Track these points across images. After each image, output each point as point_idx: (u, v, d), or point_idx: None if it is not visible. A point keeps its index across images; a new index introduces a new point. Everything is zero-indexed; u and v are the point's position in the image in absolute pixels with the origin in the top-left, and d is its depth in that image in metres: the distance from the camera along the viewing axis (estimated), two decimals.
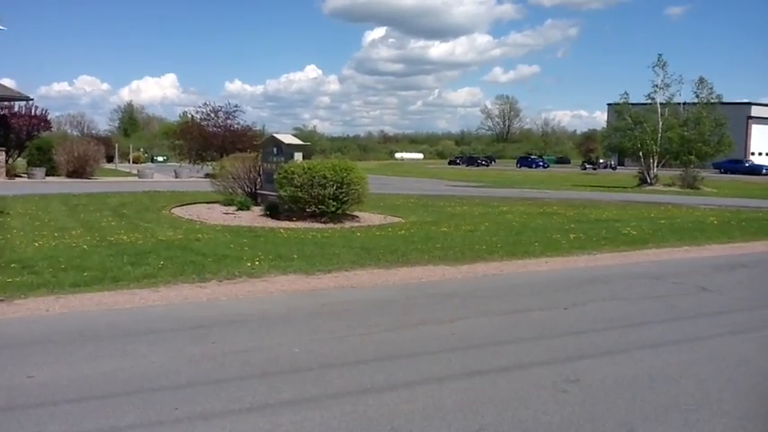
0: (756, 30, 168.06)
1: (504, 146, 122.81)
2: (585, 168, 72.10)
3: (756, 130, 79.14)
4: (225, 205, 16.47)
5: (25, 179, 31.11)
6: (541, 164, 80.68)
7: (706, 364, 5.14)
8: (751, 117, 77.91)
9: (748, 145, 77.81)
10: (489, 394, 4.41)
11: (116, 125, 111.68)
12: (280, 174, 14.38)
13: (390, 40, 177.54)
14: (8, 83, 49.35)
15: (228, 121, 38.23)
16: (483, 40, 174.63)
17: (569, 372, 4.85)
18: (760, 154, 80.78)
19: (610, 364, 5.11)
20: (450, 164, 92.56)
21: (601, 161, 73.02)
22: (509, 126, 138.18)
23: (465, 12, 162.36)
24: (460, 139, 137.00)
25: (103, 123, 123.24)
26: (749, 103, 79.25)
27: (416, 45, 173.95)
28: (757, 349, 5.65)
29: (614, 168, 68.87)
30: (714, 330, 6.25)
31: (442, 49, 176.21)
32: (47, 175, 31.88)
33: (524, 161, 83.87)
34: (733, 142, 39.02)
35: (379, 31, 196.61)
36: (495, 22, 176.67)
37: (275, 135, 16.91)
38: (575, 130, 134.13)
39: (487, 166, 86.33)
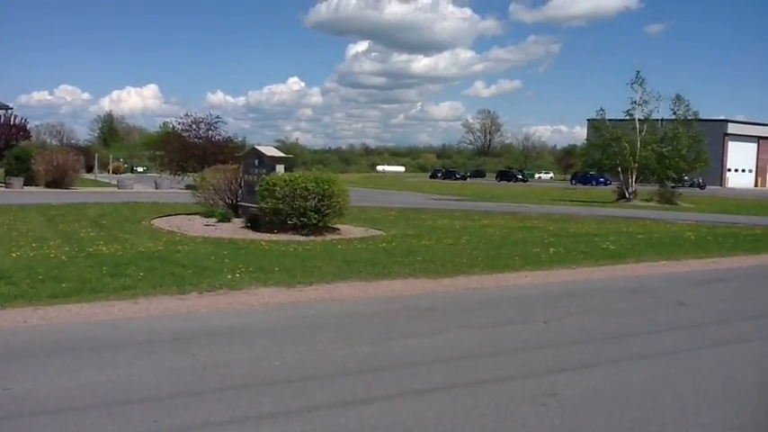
0: (734, 48, 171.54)
1: (485, 160, 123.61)
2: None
3: (732, 147, 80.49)
4: (206, 217, 16.38)
5: (3, 189, 30.73)
6: (602, 181, 70.37)
7: (683, 377, 5.21)
8: (727, 134, 79.27)
9: (725, 161, 79.09)
10: (469, 407, 4.43)
11: (96, 135, 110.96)
12: (261, 186, 14.36)
13: (373, 53, 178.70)
14: None
15: (210, 133, 38.13)
16: (466, 55, 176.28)
17: (548, 385, 4.89)
18: (736, 170, 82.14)
19: (588, 378, 5.17)
20: (432, 177, 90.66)
21: (686, 178, 51.17)
22: (490, 140, 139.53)
23: (448, 27, 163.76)
24: (442, 153, 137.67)
25: (83, 133, 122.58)
26: (726, 120, 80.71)
27: (399, 59, 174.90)
28: (732, 362, 5.73)
29: (703, 187, 62.27)
30: (691, 344, 6.34)
31: (424, 63, 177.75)
32: (25, 184, 31.54)
33: (581, 178, 75.50)
34: (710, 159, 39.71)
35: (361, 45, 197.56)
36: (478, 38, 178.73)
37: (257, 147, 16.90)
38: (555, 145, 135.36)
39: (525, 181, 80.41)
